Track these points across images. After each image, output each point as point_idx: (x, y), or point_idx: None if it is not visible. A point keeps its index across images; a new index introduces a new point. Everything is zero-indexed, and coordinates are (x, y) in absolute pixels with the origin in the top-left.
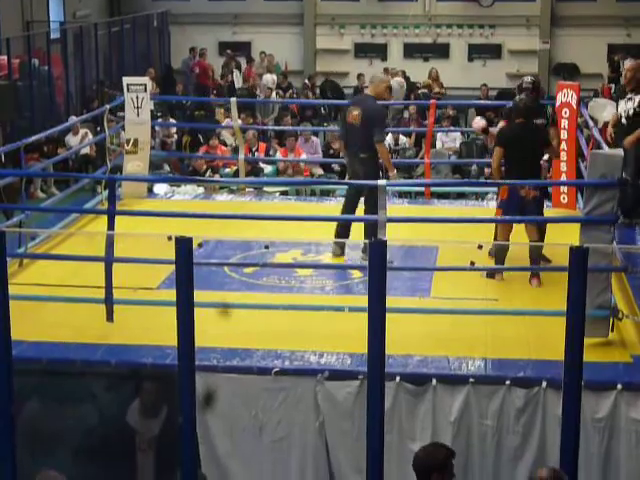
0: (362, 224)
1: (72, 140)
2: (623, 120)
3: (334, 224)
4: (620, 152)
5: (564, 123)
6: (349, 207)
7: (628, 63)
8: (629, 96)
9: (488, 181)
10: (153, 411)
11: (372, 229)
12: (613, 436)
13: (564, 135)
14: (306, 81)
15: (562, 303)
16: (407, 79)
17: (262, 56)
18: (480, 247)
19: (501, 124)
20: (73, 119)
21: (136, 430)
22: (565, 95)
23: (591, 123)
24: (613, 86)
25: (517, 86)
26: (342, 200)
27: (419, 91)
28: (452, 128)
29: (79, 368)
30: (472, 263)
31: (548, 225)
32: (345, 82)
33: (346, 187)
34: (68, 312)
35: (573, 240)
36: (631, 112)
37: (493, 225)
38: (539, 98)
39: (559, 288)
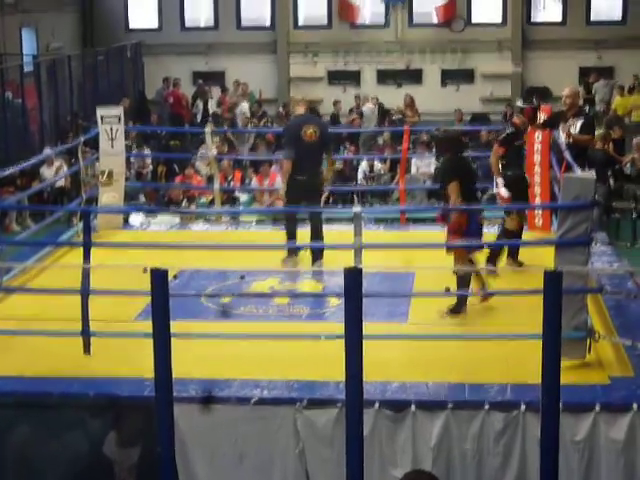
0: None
1: (47, 172)
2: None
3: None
4: (593, 175)
5: (537, 147)
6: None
7: (567, 90)
8: (569, 123)
9: (463, 206)
10: (131, 440)
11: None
12: (593, 457)
13: (537, 158)
14: (280, 109)
15: (540, 325)
16: (380, 105)
17: (235, 85)
18: (455, 273)
19: (496, 148)
20: (48, 151)
21: (114, 460)
22: (538, 137)
23: (564, 147)
24: (587, 107)
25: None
26: None
27: (393, 117)
28: (426, 154)
29: (57, 401)
30: (447, 289)
31: (524, 248)
32: (319, 109)
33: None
34: (45, 345)
35: (548, 262)
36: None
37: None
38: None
39: (538, 309)
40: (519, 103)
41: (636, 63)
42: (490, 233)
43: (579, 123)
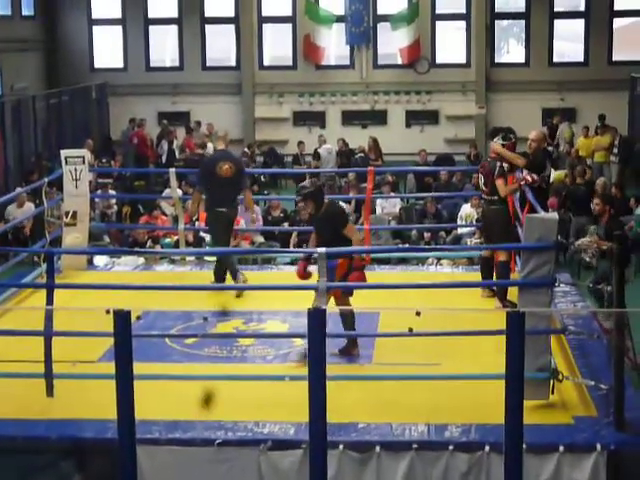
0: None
1: (16, 212)
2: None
3: (275, 292)
4: (555, 216)
5: None
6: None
7: (533, 133)
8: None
9: (427, 246)
10: None
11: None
12: None
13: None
14: (245, 149)
15: (503, 366)
16: (346, 145)
17: (195, 125)
18: (418, 314)
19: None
20: (19, 190)
21: None
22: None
23: (527, 188)
24: (553, 150)
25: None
26: (283, 268)
27: (356, 156)
28: (392, 195)
29: (20, 444)
30: (410, 329)
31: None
32: (285, 150)
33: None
34: (7, 387)
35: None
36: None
37: (435, 290)
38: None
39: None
40: (498, 140)
41: (598, 104)
42: (457, 273)
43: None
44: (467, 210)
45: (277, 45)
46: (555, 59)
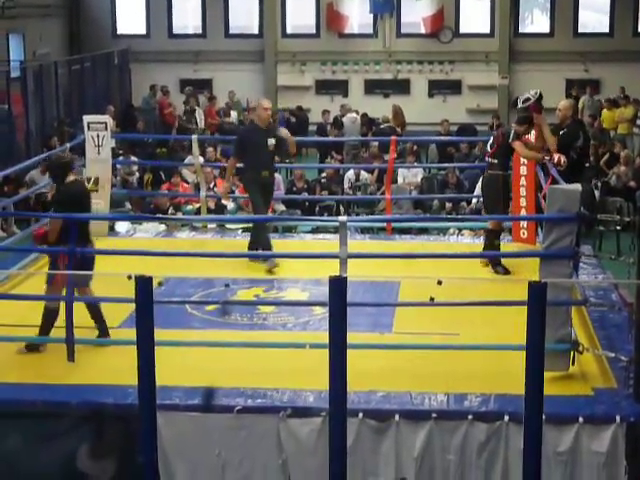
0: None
1: (39, 178)
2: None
3: (296, 261)
4: (578, 187)
5: (523, 159)
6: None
7: (562, 102)
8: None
9: (449, 216)
10: (105, 452)
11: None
12: (575, 469)
13: (523, 171)
14: (246, 113)
15: (524, 336)
16: (364, 115)
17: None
18: (440, 283)
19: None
20: (41, 156)
21: (89, 474)
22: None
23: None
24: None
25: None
26: (304, 237)
27: (381, 126)
28: (414, 164)
29: (40, 409)
30: (432, 299)
31: (510, 260)
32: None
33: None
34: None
35: (533, 275)
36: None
37: (455, 260)
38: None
39: (523, 320)
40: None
41: (622, 76)
42: (478, 243)
43: (562, 133)
44: None
45: (300, 13)
46: (580, 30)
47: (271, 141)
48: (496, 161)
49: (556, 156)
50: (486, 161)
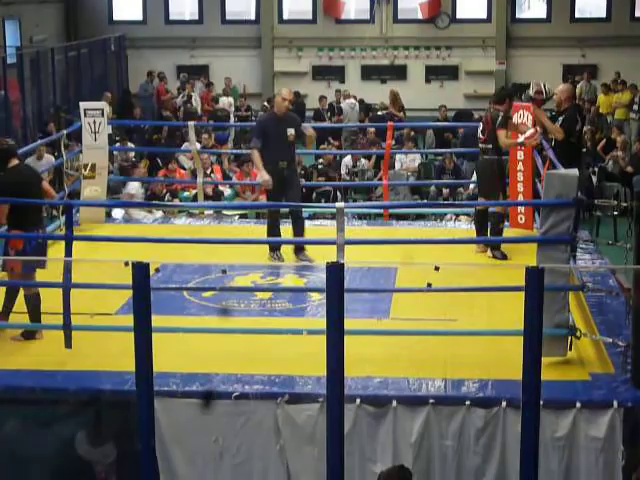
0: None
1: (36, 164)
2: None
3: (291, 246)
4: (576, 172)
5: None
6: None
7: (561, 86)
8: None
9: (446, 202)
10: (103, 438)
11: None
12: (573, 454)
13: (521, 156)
14: (265, 103)
15: (522, 322)
16: (361, 102)
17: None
18: (437, 268)
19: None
20: (38, 142)
21: (88, 459)
22: (521, 116)
23: (547, 144)
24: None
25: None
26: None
27: (379, 112)
28: (412, 150)
29: (38, 395)
30: (429, 285)
31: (507, 245)
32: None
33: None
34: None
35: (531, 260)
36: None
37: (452, 246)
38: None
39: (520, 306)
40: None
41: (619, 61)
42: (472, 229)
43: (561, 118)
44: None
45: None
46: (577, 15)
47: (290, 131)
48: (490, 146)
49: (529, 132)
50: (480, 147)
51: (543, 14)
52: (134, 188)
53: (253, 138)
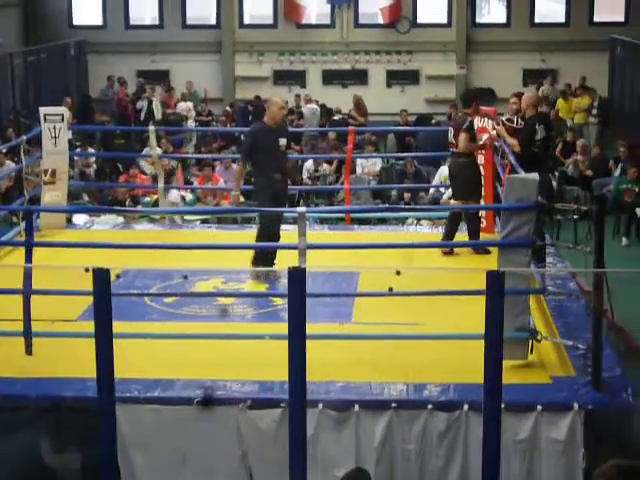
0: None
1: None
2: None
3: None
4: (536, 176)
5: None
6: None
7: (525, 95)
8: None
9: (407, 206)
10: (66, 445)
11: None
12: (534, 457)
13: (481, 160)
14: (227, 108)
15: (482, 325)
16: (322, 106)
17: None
18: (398, 273)
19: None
20: None
21: (53, 467)
22: (481, 121)
23: (507, 149)
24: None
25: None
26: None
27: (335, 117)
28: (373, 154)
29: None
30: (390, 289)
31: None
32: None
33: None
34: None
35: (492, 264)
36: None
37: (413, 250)
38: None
39: (481, 309)
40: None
41: (579, 66)
42: (436, 233)
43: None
44: (445, 172)
45: (258, 3)
46: (537, 20)
47: (282, 141)
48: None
49: (485, 136)
50: (452, 151)
51: (503, 19)
52: (175, 196)
53: (243, 151)
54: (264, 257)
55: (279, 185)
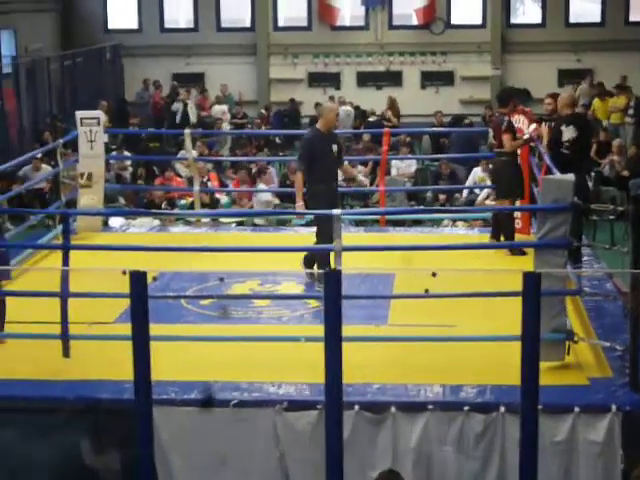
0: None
1: (33, 175)
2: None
3: (291, 254)
4: (571, 177)
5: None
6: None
7: (561, 95)
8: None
9: (442, 207)
10: (105, 447)
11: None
12: (571, 459)
13: (518, 161)
14: (262, 111)
15: (520, 327)
16: (356, 108)
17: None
18: (434, 274)
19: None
20: (34, 153)
21: (94, 468)
22: (517, 121)
23: (543, 149)
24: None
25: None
26: (299, 230)
27: (369, 119)
28: (408, 156)
29: (37, 405)
30: (426, 290)
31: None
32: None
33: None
34: (24, 348)
35: (528, 265)
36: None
37: (450, 252)
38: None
39: (518, 311)
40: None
41: (614, 65)
42: (472, 234)
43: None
44: (479, 173)
45: (292, 6)
46: (571, 19)
47: (335, 147)
48: (504, 150)
49: (534, 133)
50: (495, 152)
51: (538, 19)
52: (266, 195)
53: (300, 159)
54: (321, 259)
55: (335, 194)
